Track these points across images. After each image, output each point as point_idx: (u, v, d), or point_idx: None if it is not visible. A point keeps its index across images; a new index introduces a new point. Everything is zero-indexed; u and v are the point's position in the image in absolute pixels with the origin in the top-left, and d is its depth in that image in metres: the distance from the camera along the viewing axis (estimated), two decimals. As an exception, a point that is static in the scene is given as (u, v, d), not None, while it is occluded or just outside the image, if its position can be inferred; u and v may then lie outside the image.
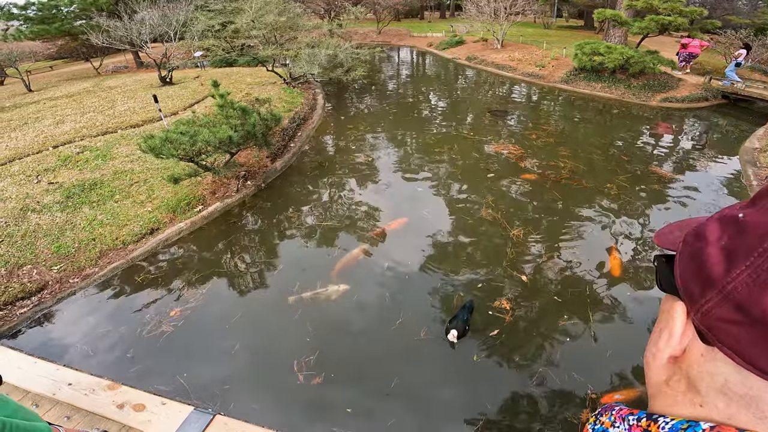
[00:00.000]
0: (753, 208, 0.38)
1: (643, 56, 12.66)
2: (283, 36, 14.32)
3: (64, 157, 7.69)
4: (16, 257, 5.20)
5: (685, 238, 0.45)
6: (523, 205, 6.49)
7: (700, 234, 0.42)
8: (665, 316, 0.46)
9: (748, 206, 0.40)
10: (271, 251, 5.66)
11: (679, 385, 0.43)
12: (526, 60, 16.77)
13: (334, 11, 25.08)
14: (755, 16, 21.59)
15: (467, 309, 4.16)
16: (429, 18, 39.50)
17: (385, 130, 10.35)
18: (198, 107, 10.61)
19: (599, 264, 5.09)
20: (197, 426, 2.76)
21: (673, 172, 7.63)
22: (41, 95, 13.99)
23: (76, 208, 6.23)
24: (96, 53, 19.81)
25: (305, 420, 3.41)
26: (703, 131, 10.19)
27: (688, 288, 0.41)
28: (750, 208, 0.39)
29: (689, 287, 0.40)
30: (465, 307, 4.19)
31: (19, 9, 18.45)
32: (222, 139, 5.99)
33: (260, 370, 3.87)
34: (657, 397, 0.46)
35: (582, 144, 9.03)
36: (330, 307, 4.55)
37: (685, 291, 0.41)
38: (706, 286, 0.38)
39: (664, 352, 0.44)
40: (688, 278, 0.41)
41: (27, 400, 3.03)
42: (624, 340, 4.01)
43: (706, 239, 0.40)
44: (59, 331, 4.42)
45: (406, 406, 3.45)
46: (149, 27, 13.66)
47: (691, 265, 0.41)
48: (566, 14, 33.75)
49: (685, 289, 0.41)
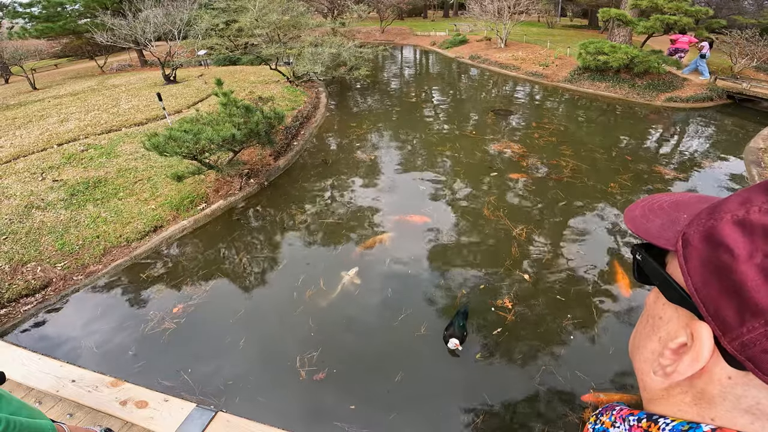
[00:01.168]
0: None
1: (648, 56, 12.59)
2: (286, 35, 14.31)
3: (69, 155, 7.72)
4: (21, 254, 5.23)
5: (687, 238, 0.39)
6: (526, 204, 6.47)
7: (715, 240, 0.36)
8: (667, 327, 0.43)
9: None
10: (273, 248, 5.67)
11: (684, 396, 0.41)
12: (530, 59, 16.71)
13: (338, 10, 25.05)
14: (761, 15, 21.42)
15: (462, 315, 4.08)
16: (432, 17, 39.42)
17: (388, 129, 10.34)
18: (202, 105, 10.63)
19: (601, 262, 5.07)
20: (199, 423, 2.76)
21: (678, 172, 7.59)
22: (46, 93, 14.06)
23: (80, 205, 6.26)
24: (100, 51, 19.85)
25: (309, 415, 3.42)
26: (707, 131, 10.13)
27: (714, 307, 0.36)
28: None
29: (719, 308, 0.35)
30: (460, 313, 4.10)
31: (24, 7, 18.53)
32: (225, 137, 6.00)
33: (264, 365, 3.88)
34: (656, 403, 0.45)
35: (585, 143, 8.99)
36: (332, 304, 4.56)
37: (712, 310, 0.36)
38: (748, 314, 0.33)
39: (684, 375, 0.39)
40: (714, 295, 0.36)
41: (30, 397, 3.05)
42: (626, 338, 3.99)
43: (731, 251, 0.35)
44: (63, 328, 4.45)
45: (407, 403, 3.45)
46: (153, 25, 13.69)
47: (714, 279, 0.36)
48: (570, 13, 33.58)
49: (710, 308, 0.36)
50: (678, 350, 0.41)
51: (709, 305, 0.36)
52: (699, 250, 0.38)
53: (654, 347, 0.45)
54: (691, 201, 0.46)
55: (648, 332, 0.46)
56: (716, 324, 0.36)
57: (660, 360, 0.43)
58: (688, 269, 0.38)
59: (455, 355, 3.84)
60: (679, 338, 0.41)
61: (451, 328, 3.88)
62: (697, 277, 0.37)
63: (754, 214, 0.35)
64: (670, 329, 0.43)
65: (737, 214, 0.36)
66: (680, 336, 0.40)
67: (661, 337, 0.44)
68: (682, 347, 0.40)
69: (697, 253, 0.38)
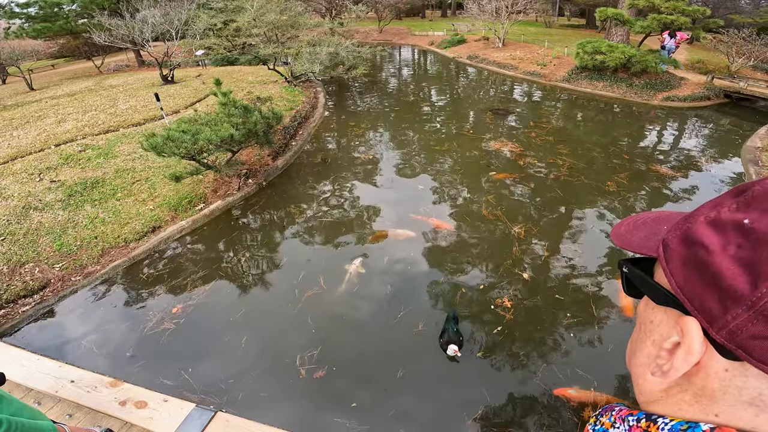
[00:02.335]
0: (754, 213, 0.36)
1: (645, 55, 12.62)
2: (284, 34, 14.33)
3: (66, 156, 7.70)
4: (19, 255, 5.22)
5: (667, 243, 0.42)
6: (524, 202, 6.48)
7: (692, 240, 0.39)
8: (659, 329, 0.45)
9: (741, 208, 0.37)
10: (272, 249, 5.67)
11: (683, 395, 0.42)
12: (528, 59, 16.73)
13: (336, 10, 25.06)
14: (758, 15, 21.50)
15: (453, 320, 4.03)
16: (430, 17, 39.43)
17: (386, 129, 10.35)
18: (199, 106, 10.62)
19: (600, 260, 5.08)
20: (199, 423, 2.77)
21: (675, 171, 7.62)
22: (43, 94, 14.01)
23: (78, 206, 6.24)
24: (98, 52, 19.82)
25: (310, 412, 3.42)
26: (705, 130, 10.17)
27: (699, 301, 0.38)
28: (748, 212, 0.36)
29: (702, 301, 0.37)
30: (450, 318, 4.05)
31: (21, 7, 18.47)
32: (224, 137, 6.00)
33: (264, 364, 3.88)
34: (656, 404, 0.45)
35: (583, 142, 9.01)
36: (332, 302, 4.56)
37: (697, 304, 0.38)
38: (729, 302, 0.35)
39: (680, 371, 0.40)
40: (697, 290, 0.38)
41: (30, 398, 3.04)
42: (626, 335, 4.00)
43: (707, 248, 0.37)
44: (61, 329, 4.44)
45: (407, 401, 3.46)
46: (151, 26, 13.67)
47: (694, 275, 0.38)
48: (568, 13, 33.63)
49: (694, 302, 0.38)
50: (672, 350, 0.42)
51: (694, 300, 0.38)
52: (678, 251, 0.40)
53: (649, 351, 0.46)
54: (672, 216, 0.48)
55: (642, 338, 0.48)
56: (703, 317, 0.38)
57: (657, 361, 0.44)
58: (671, 270, 0.41)
59: (455, 360, 3.80)
60: (671, 338, 0.42)
61: (446, 335, 3.81)
62: (679, 276, 0.40)
63: (724, 214, 0.38)
64: (662, 331, 0.44)
65: (709, 215, 0.39)
66: (672, 336, 0.42)
67: (654, 340, 0.45)
68: (675, 346, 0.42)
69: (677, 254, 0.40)
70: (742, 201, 0.38)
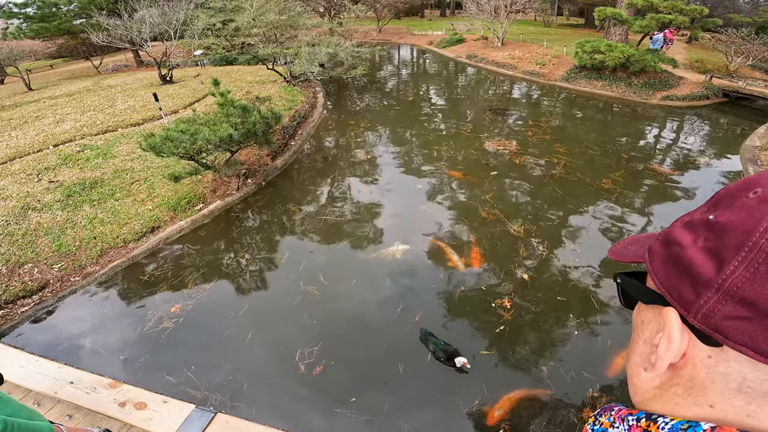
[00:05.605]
0: (719, 210, 0.40)
1: (644, 54, 12.63)
2: (283, 34, 14.30)
3: (65, 156, 7.68)
4: (17, 256, 5.20)
5: (651, 248, 0.47)
6: (522, 201, 6.48)
7: (669, 241, 0.43)
8: (649, 326, 0.47)
9: (710, 209, 0.41)
10: (271, 248, 5.66)
11: (676, 389, 0.43)
12: (527, 58, 16.74)
13: (335, 9, 25.02)
14: (756, 14, 21.53)
15: (430, 335, 3.96)
16: (429, 16, 39.42)
17: (385, 128, 10.34)
18: (198, 106, 10.60)
19: (598, 259, 5.08)
20: (199, 424, 2.76)
21: (674, 170, 7.62)
22: (41, 94, 13.98)
23: (76, 206, 6.23)
24: (96, 52, 19.78)
25: (311, 407, 3.43)
26: (704, 129, 10.18)
27: (677, 292, 0.41)
28: (715, 211, 0.40)
29: (679, 291, 0.40)
30: (427, 336, 3.95)
31: (19, 7, 18.42)
32: (222, 137, 5.98)
33: (264, 361, 3.88)
34: (651, 402, 0.46)
35: (581, 141, 9.01)
36: (333, 300, 4.56)
37: (675, 295, 0.41)
38: (700, 287, 0.38)
39: (665, 360, 0.42)
40: (674, 282, 0.41)
41: (28, 399, 3.03)
42: (626, 334, 4.01)
43: (680, 244, 0.42)
44: (60, 330, 4.43)
45: (407, 399, 3.46)
46: (149, 25, 13.64)
47: (672, 269, 0.42)
48: (567, 12, 33.67)
49: (673, 293, 0.41)
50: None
51: (673, 291, 0.42)
52: (659, 252, 0.45)
53: (641, 349, 0.48)
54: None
55: (635, 338, 0.50)
56: (680, 305, 0.41)
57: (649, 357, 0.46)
58: (653, 269, 0.45)
59: (464, 371, 3.68)
60: (659, 333, 0.44)
61: (440, 351, 3.74)
62: (661, 273, 0.44)
63: (696, 216, 0.43)
64: (651, 328, 0.47)
65: (684, 219, 0.44)
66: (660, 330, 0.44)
67: (645, 339, 0.47)
68: None
69: (658, 255, 0.45)
70: (711, 203, 0.43)
